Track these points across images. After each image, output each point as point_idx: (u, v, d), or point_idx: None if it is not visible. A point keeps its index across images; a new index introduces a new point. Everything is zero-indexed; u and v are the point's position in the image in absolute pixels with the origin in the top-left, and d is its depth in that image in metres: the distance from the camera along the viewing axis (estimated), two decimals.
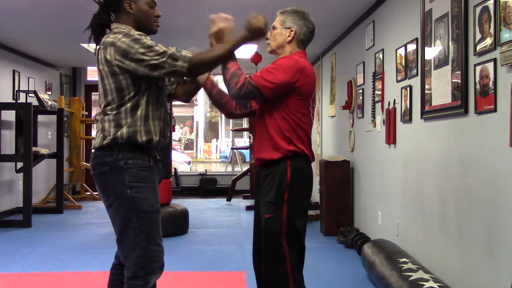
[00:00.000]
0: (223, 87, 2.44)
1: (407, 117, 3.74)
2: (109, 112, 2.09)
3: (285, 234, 2.24)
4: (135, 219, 2.06)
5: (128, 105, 2.08)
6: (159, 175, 2.24)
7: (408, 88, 3.72)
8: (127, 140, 2.07)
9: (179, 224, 5.48)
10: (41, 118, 7.50)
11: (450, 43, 3.01)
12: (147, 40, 2.05)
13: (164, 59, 2.02)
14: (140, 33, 2.10)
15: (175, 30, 5.75)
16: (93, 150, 2.15)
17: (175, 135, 21.69)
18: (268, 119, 2.30)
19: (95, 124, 2.28)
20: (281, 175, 2.25)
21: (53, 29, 5.78)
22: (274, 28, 2.40)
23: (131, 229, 2.07)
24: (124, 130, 2.06)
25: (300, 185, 2.28)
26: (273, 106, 2.28)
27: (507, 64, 2.36)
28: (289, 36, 2.35)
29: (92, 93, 9.57)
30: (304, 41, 2.39)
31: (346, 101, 5.55)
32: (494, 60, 2.50)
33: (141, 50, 2.01)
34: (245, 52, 6.93)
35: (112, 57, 2.04)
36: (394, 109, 4.04)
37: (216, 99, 2.50)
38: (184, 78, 2.24)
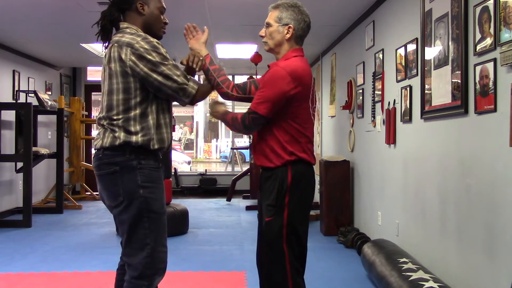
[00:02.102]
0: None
1: (407, 117, 3.74)
2: (115, 118, 2.07)
3: (286, 237, 2.21)
4: (146, 219, 2.07)
5: (137, 112, 2.07)
6: (163, 176, 2.26)
7: (408, 88, 3.72)
8: (140, 146, 2.08)
9: (179, 224, 5.48)
10: (41, 118, 7.50)
11: (450, 43, 3.01)
12: (164, 51, 2.08)
13: (178, 73, 2.07)
14: (158, 41, 2.11)
15: (175, 30, 5.75)
16: (98, 150, 2.12)
17: (175, 135, 21.69)
18: (267, 131, 2.26)
19: (95, 125, 2.29)
20: (282, 178, 2.23)
21: (53, 29, 5.78)
22: (268, 25, 2.30)
23: (141, 229, 2.07)
24: (139, 138, 2.06)
25: (301, 188, 2.25)
26: (270, 119, 2.23)
27: (507, 64, 2.36)
28: (287, 33, 2.26)
29: (92, 93, 9.57)
30: (302, 36, 2.31)
31: (346, 101, 5.55)
32: (494, 60, 2.50)
33: (158, 58, 2.04)
34: (245, 52, 6.94)
35: (127, 57, 2.04)
36: (394, 109, 4.04)
37: (212, 78, 2.30)
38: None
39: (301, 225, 2.28)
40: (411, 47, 3.68)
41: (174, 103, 2.29)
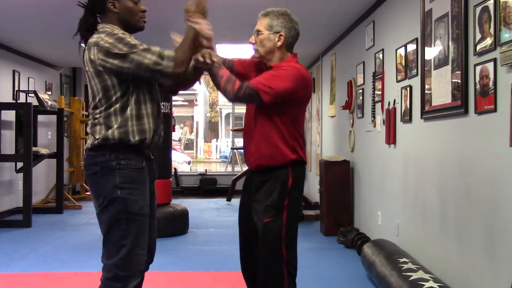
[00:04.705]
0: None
1: (407, 117, 3.74)
2: (97, 116, 2.07)
3: (284, 239, 2.23)
4: (124, 221, 2.04)
5: (117, 106, 2.05)
6: (151, 176, 2.21)
7: (408, 88, 3.72)
8: (119, 141, 2.04)
9: (179, 224, 5.48)
10: (41, 118, 7.49)
11: (450, 43, 3.01)
12: (131, 39, 2.03)
13: (149, 55, 1.98)
14: (124, 32, 2.07)
15: (175, 30, 5.74)
16: (85, 151, 2.14)
17: (175, 135, 21.70)
18: (270, 125, 2.26)
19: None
20: (283, 181, 2.25)
21: (53, 29, 5.78)
22: (259, 32, 2.31)
23: (118, 230, 2.04)
24: (115, 131, 2.03)
25: (297, 191, 2.30)
26: (276, 113, 2.24)
27: (507, 64, 2.36)
28: (278, 41, 2.28)
29: None
30: (292, 44, 2.34)
31: (346, 101, 5.55)
32: (494, 60, 2.50)
33: (125, 48, 1.99)
34: (245, 52, 6.94)
35: (95, 57, 2.02)
36: (394, 109, 4.04)
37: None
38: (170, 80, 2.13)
39: (296, 226, 2.32)
40: (411, 47, 3.68)
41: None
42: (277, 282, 2.24)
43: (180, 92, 2.67)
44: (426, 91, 3.38)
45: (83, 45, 2.19)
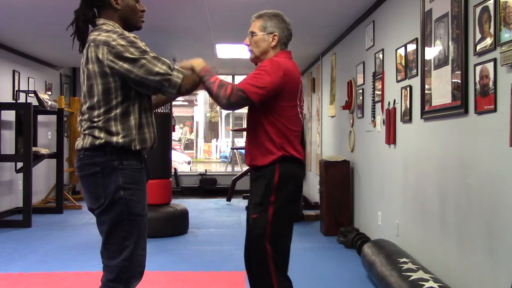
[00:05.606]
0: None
1: (407, 117, 3.74)
2: (95, 120, 1.99)
3: (269, 236, 2.24)
4: (126, 221, 2.01)
5: (118, 111, 1.99)
6: (147, 177, 2.19)
7: (408, 88, 3.72)
8: (121, 147, 2.01)
9: (179, 224, 5.48)
10: (41, 118, 7.50)
11: (450, 43, 3.01)
12: (143, 45, 2.00)
13: (159, 64, 1.98)
14: (135, 35, 2.04)
15: (175, 30, 5.75)
16: (79, 151, 2.05)
17: (175, 135, 21.72)
18: (257, 126, 2.29)
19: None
20: (270, 177, 2.26)
21: (53, 29, 5.77)
22: (253, 34, 2.37)
23: (120, 231, 2.01)
24: (120, 139, 1.99)
25: (287, 187, 2.27)
26: (261, 112, 2.27)
27: (507, 64, 2.36)
28: (273, 41, 2.35)
29: None
30: (286, 43, 2.40)
31: (346, 101, 5.55)
32: (494, 60, 2.51)
33: (136, 53, 1.96)
34: (245, 52, 6.93)
35: (104, 57, 1.96)
36: (394, 109, 4.04)
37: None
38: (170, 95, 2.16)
39: (286, 224, 2.32)
40: (411, 47, 3.68)
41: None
42: (264, 276, 2.27)
43: None
44: (426, 91, 3.38)
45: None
